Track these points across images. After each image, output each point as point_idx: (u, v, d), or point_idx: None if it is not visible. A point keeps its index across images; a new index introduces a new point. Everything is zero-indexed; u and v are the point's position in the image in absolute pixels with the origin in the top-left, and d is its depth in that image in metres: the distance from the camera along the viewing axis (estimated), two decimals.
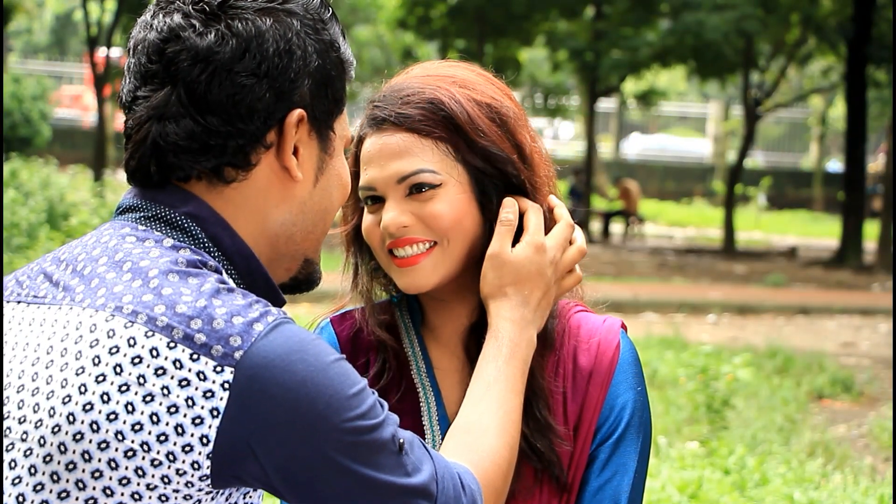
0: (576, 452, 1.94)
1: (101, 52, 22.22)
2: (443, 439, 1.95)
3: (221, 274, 1.51)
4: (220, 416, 1.40)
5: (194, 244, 1.52)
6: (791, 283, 17.90)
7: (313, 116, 1.56)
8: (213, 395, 1.40)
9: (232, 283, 1.51)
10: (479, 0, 22.82)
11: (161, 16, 1.52)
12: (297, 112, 1.54)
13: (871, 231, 23.64)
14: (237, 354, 1.41)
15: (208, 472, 1.41)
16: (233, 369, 1.41)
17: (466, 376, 1.97)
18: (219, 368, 1.40)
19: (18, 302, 1.53)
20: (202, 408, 1.40)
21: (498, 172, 1.89)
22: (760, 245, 26.17)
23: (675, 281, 17.73)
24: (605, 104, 34.86)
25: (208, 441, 1.40)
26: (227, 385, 1.40)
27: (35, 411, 1.42)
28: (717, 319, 14.19)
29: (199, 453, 1.40)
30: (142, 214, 1.54)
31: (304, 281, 1.66)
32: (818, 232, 29.53)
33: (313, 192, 1.60)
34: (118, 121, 31.72)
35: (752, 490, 5.85)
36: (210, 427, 1.40)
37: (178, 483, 1.40)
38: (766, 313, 14.84)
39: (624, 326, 2.01)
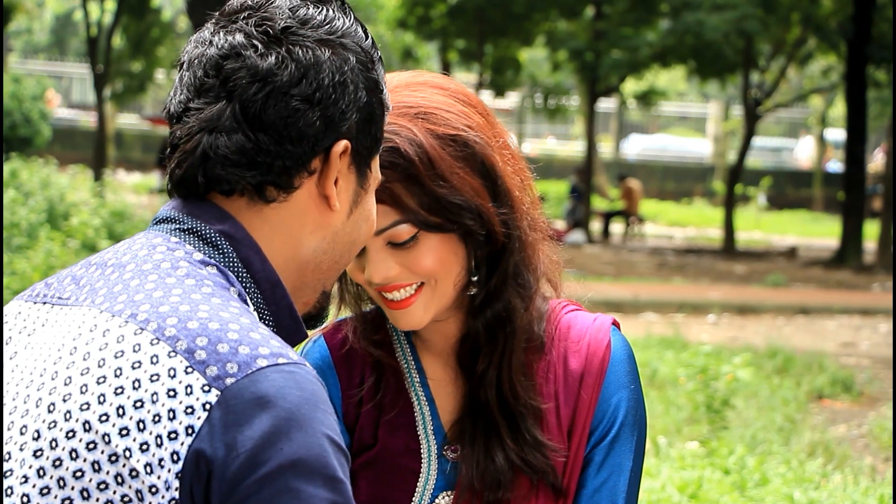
0: (570, 456, 1.93)
1: (101, 52, 22.22)
2: (438, 452, 1.95)
3: (246, 300, 1.52)
4: (194, 436, 1.38)
5: (224, 262, 1.54)
6: (791, 283, 17.91)
7: (356, 150, 1.59)
8: (192, 412, 1.38)
9: (252, 312, 1.51)
10: (479, 0, 22.83)
11: (222, 34, 1.55)
12: (344, 143, 1.56)
13: (871, 231, 23.64)
14: (228, 381, 1.39)
15: (177, 495, 1.38)
16: (219, 393, 1.38)
17: (461, 386, 1.96)
18: (206, 388, 1.39)
19: (44, 303, 1.55)
20: (180, 423, 1.38)
21: (460, 221, 1.84)
22: (760, 245, 26.18)
23: (675, 281, 17.74)
24: (605, 104, 34.87)
25: (178, 458, 1.38)
26: (207, 406, 1.38)
27: (50, 411, 1.43)
28: (717, 319, 14.19)
29: (169, 471, 1.38)
30: (177, 227, 1.55)
31: (316, 316, 1.67)
32: (818, 232, 29.53)
33: (346, 223, 1.61)
34: (118, 121, 31.77)
35: (752, 490, 5.85)
36: (182, 444, 1.38)
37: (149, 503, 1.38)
38: (766, 313, 14.84)
39: (616, 323, 1.99)
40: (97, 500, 1.39)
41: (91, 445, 1.40)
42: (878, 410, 9.00)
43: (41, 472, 1.41)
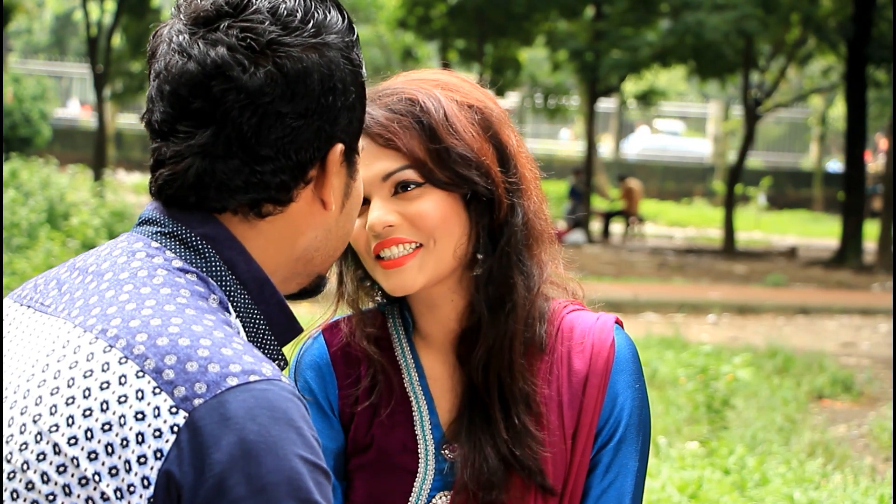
0: (575, 458, 1.92)
1: (101, 52, 22.22)
2: (436, 450, 1.94)
3: (228, 307, 1.49)
4: (163, 459, 1.35)
5: (206, 267, 1.50)
6: (791, 283, 17.90)
7: (348, 147, 1.56)
8: (160, 436, 1.35)
9: (234, 320, 1.48)
10: (479, 0, 22.82)
11: (201, 45, 1.48)
12: (339, 147, 1.54)
13: (871, 231, 23.64)
14: (196, 402, 1.35)
15: None
16: (187, 415, 1.35)
17: (458, 383, 1.95)
18: (174, 410, 1.36)
19: (29, 307, 1.52)
20: (149, 447, 1.35)
21: (468, 178, 1.87)
22: (760, 245, 26.17)
23: (675, 281, 17.73)
24: (605, 104, 34.86)
25: (149, 483, 1.35)
26: (175, 429, 1.35)
27: (21, 432, 1.40)
28: (717, 319, 14.18)
29: (141, 496, 1.35)
30: (158, 230, 1.52)
31: (312, 290, 1.64)
32: (818, 232, 29.53)
33: (339, 218, 1.59)
34: (118, 121, 31.77)
35: (752, 490, 5.85)
36: (152, 469, 1.35)
37: None
38: (766, 313, 14.84)
39: (619, 322, 1.98)
40: None
41: (61, 469, 1.37)
42: (878, 410, 9.00)
43: (15, 495, 1.39)
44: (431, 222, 1.86)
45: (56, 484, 1.37)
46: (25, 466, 1.39)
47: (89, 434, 1.37)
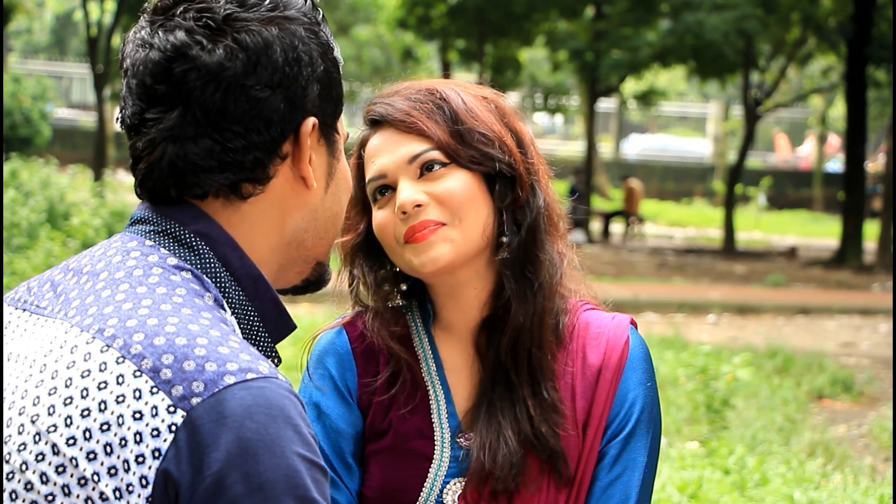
0: (585, 449, 1.95)
1: (101, 52, 22.23)
2: (451, 436, 1.98)
3: (223, 304, 1.49)
4: (161, 458, 1.35)
5: (200, 264, 1.50)
6: (791, 283, 17.90)
7: (323, 122, 1.56)
8: (158, 435, 1.35)
9: (230, 317, 1.48)
10: (479, 0, 22.82)
11: (161, 33, 1.49)
12: (311, 120, 1.53)
13: (871, 231, 23.63)
14: (194, 401, 1.35)
15: None
16: (185, 414, 1.35)
17: (475, 373, 2.00)
18: (171, 409, 1.35)
19: (24, 310, 1.52)
20: (147, 446, 1.35)
21: (491, 156, 1.94)
22: (760, 245, 26.17)
23: (675, 281, 17.73)
24: (605, 104, 34.86)
25: (147, 483, 1.35)
26: (173, 428, 1.35)
27: (20, 433, 1.40)
28: (717, 319, 14.18)
29: (139, 496, 1.35)
30: (152, 228, 1.52)
31: (315, 282, 1.64)
32: (818, 232, 29.53)
33: (325, 199, 1.59)
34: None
35: (752, 490, 5.84)
36: (150, 468, 1.35)
37: None
38: (766, 313, 14.83)
39: (633, 323, 2.04)
40: None
41: (60, 469, 1.37)
42: (878, 410, 9.00)
43: (14, 496, 1.39)
44: (459, 199, 1.91)
45: (55, 484, 1.37)
46: (24, 467, 1.39)
47: (88, 434, 1.37)
